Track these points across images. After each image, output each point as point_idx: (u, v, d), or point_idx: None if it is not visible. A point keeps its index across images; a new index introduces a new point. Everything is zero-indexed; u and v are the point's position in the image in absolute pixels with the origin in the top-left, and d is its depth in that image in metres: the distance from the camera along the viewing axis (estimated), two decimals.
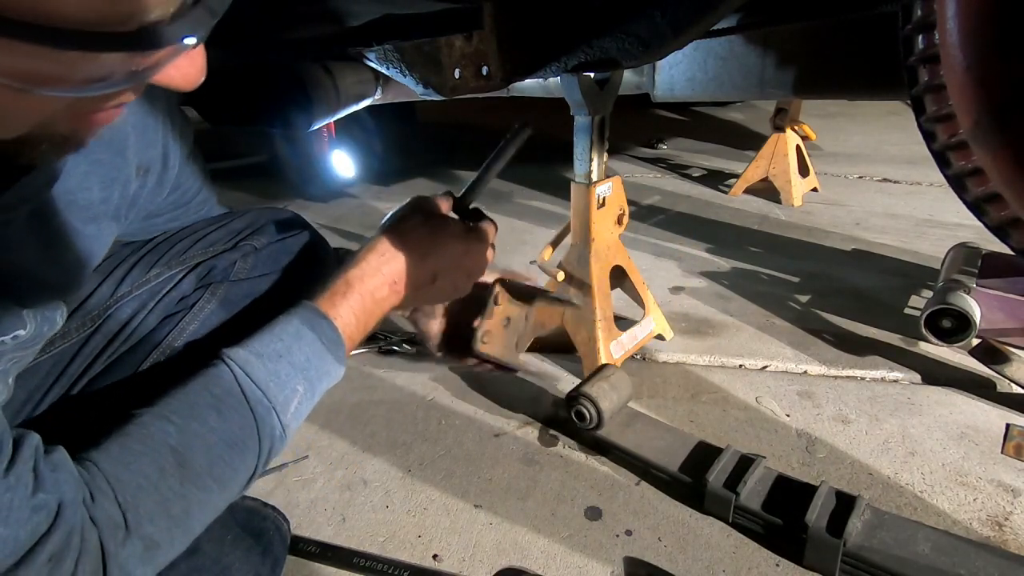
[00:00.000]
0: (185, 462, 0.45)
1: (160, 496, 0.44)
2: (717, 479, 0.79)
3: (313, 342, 0.53)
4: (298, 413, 0.52)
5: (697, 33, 0.76)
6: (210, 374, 0.49)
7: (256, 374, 0.49)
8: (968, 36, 0.53)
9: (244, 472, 0.49)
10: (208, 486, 0.46)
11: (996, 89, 0.53)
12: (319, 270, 0.73)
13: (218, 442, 0.47)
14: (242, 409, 0.48)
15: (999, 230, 0.73)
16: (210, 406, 0.47)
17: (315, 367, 0.53)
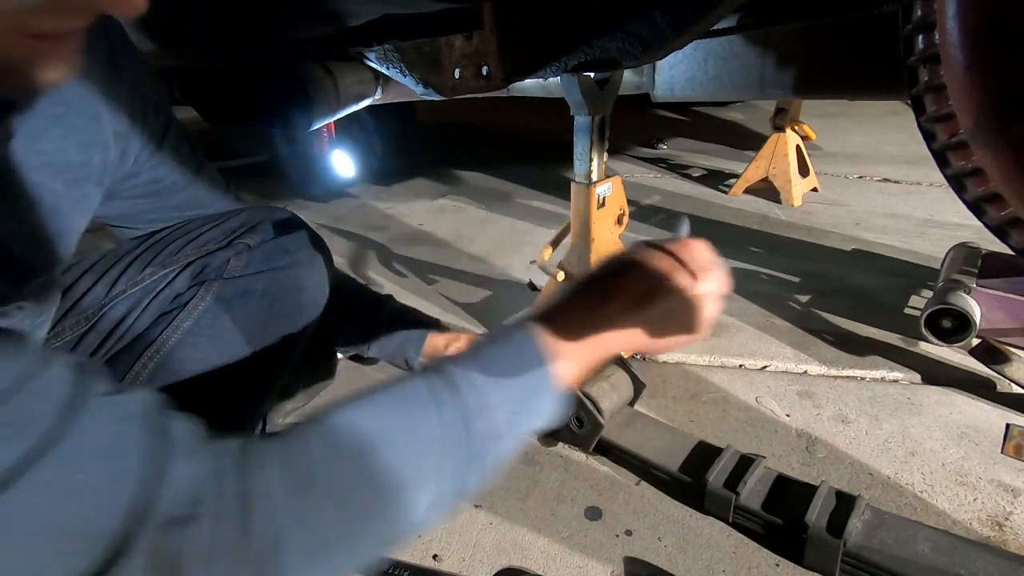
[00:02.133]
0: (372, 452, 0.38)
1: (352, 470, 0.37)
2: (717, 479, 0.79)
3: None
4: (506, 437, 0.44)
5: (697, 33, 0.76)
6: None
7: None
8: (968, 36, 0.53)
9: (433, 480, 0.40)
10: (399, 485, 0.39)
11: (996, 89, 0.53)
12: (313, 269, 0.73)
13: (418, 430, 0.40)
14: (439, 413, 0.41)
15: (999, 230, 0.73)
16: (413, 402, 0.41)
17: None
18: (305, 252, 0.73)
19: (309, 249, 0.74)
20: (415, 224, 2.08)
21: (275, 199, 2.43)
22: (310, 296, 0.73)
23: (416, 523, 0.40)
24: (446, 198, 2.39)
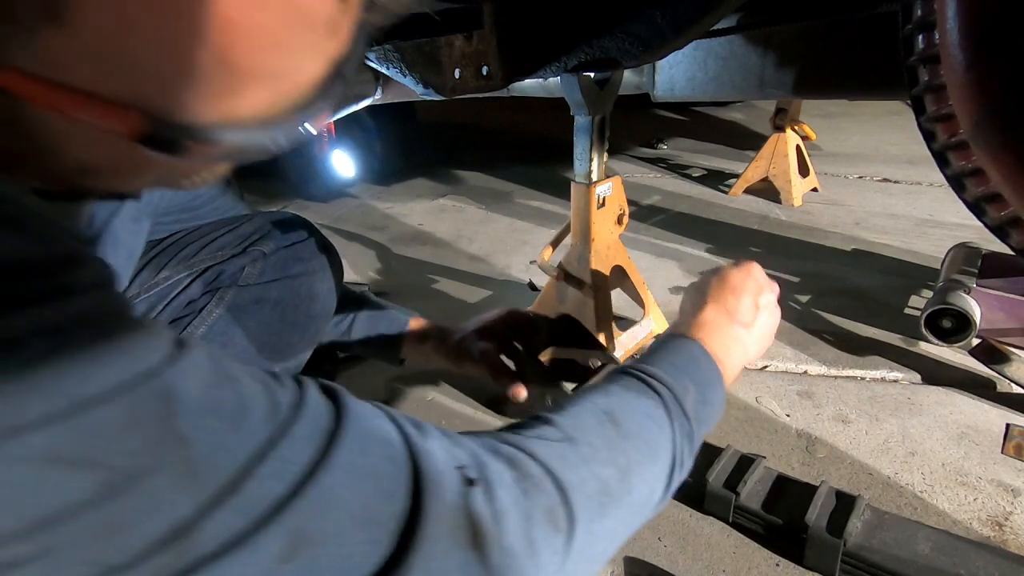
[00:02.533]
0: (617, 421, 0.42)
1: (603, 438, 0.41)
2: (717, 479, 0.79)
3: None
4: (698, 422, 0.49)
5: (697, 33, 0.76)
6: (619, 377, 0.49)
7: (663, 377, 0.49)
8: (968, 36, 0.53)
9: (667, 444, 0.45)
10: (643, 451, 0.43)
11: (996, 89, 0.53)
12: (325, 277, 0.74)
13: (639, 411, 0.45)
14: (651, 397, 0.47)
15: (999, 230, 0.73)
16: (624, 390, 0.46)
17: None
18: (317, 260, 0.73)
19: (321, 257, 0.74)
20: (415, 224, 2.08)
21: (275, 199, 2.43)
22: (321, 304, 0.73)
23: (661, 492, 0.44)
24: (446, 198, 2.39)
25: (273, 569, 0.25)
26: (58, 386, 0.21)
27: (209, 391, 0.25)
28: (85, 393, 0.22)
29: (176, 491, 0.23)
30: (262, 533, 0.25)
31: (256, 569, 0.25)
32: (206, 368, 0.26)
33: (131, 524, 0.23)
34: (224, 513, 0.24)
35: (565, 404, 0.44)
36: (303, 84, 0.27)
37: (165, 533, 0.23)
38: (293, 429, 0.27)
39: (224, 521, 0.24)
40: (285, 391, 0.29)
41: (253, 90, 0.25)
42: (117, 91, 0.23)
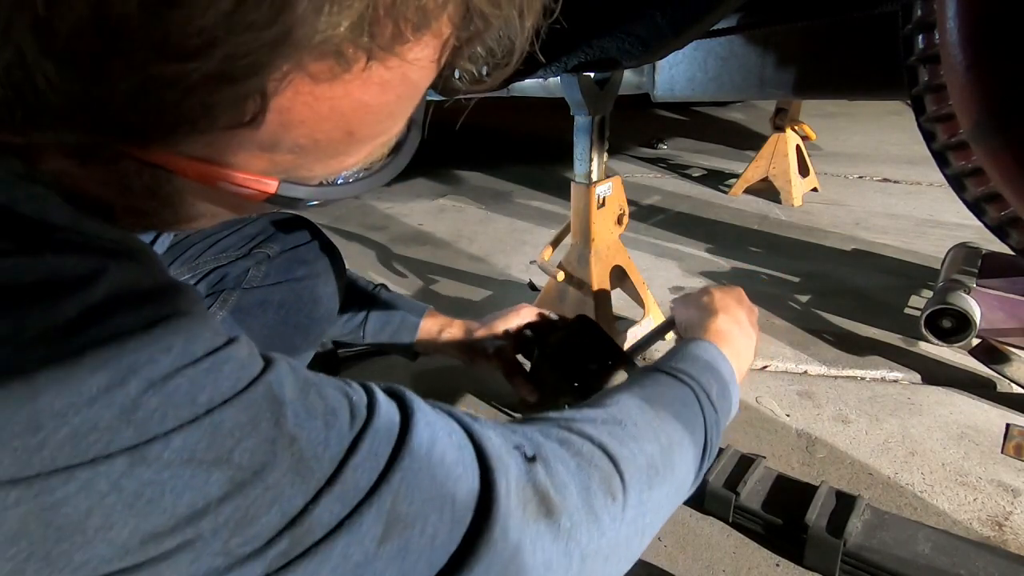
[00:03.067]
0: (656, 406, 0.47)
1: (645, 420, 0.45)
2: (717, 479, 0.79)
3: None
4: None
5: (697, 33, 0.76)
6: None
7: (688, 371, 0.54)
8: (968, 36, 0.53)
9: (700, 428, 0.49)
10: (681, 432, 0.47)
11: (996, 89, 0.53)
12: (329, 280, 0.74)
13: (674, 398, 0.50)
14: (682, 387, 0.51)
15: (999, 230, 0.73)
16: (656, 383, 0.51)
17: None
18: (321, 263, 0.74)
19: (324, 259, 0.74)
20: (415, 224, 2.08)
21: None
22: (325, 306, 0.73)
23: (695, 473, 0.48)
24: (446, 198, 2.39)
25: (372, 550, 0.28)
26: (190, 393, 0.24)
27: (301, 395, 0.28)
28: (211, 399, 0.25)
29: (290, 484, 0.26)
30: (360, 517, 0.28)
31: (359, 550, 0.28)
32: (292, 375, 0.29)
33: (256, 516, 0.25)
34: (328, 501, 0.27)
35: (604, 395, 0.48)
36: (394, 138, 0.31)
37: (283, 522, 0.26)
38: (372, 424, 0.30)
39: (329, 508, 0.27)
40: (357, 393, 0.32)
41: (363, 151, 0.29)
42: (266, 166, 0.26)
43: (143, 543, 0.23)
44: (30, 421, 0.21)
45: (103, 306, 0.23)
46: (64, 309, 0.23)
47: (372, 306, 0.87)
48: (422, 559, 0.30)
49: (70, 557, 0.22)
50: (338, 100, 0.24)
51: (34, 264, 0.23)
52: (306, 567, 0.26)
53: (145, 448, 0.23)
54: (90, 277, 0.24)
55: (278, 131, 0.25)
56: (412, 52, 0.25)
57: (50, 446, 0.21)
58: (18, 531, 0.21)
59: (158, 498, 0.23)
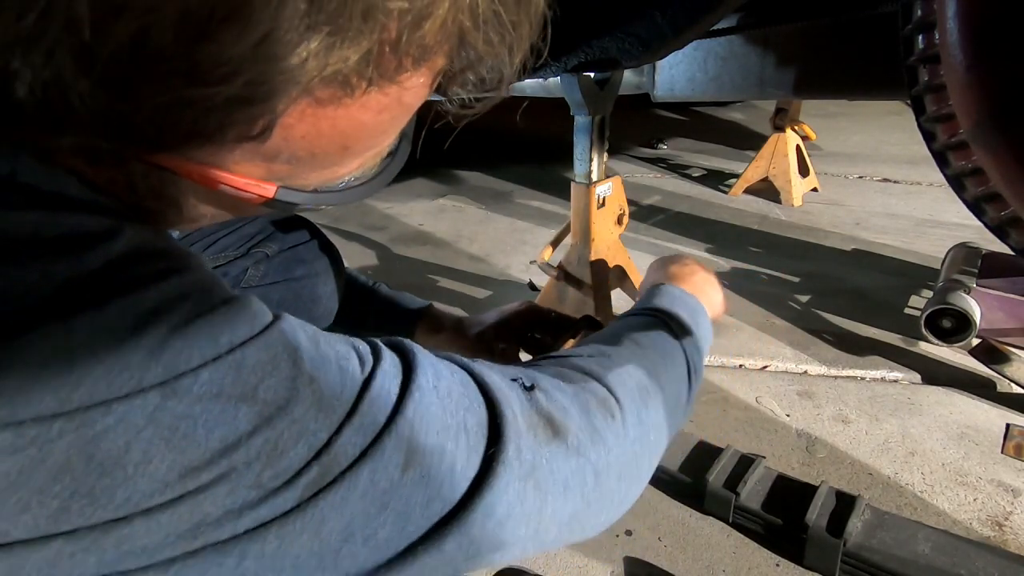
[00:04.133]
0: (634, 340, 0.49)
1: (627, 349, 0.47)
2: (717, 479, 0.79)
3: None
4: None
5: (697, 33, 0.76)
6: None
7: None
8: (968, 36, 0.53)
9: (679, 352, 0.52)
10: (661, 356, 0.49)
11: (996, 89, 0.53)
12: (328, 279, 0.74)
13: (648, 329, 0.52)
14: (651, 319, 0.54)
15: (999, 230, 0.73)
16: (627, 323, 0.54)
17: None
18: (320, 262, 0.74)
19: (324, 259, 0.74)
20: (415, 224, 2.08)
21: None
22: (324, 306, 0.73)
23: (686, 394, 0.51)
24: (446, 198, 2.39)
25: (397, 477, 0.30)
26: (211, 335, 0.26)
27: (312, 343, 0.30)
28: (231, 340, 0.26)
29: (313, 419, 0.27)
30: (381, 446, 0.29)
31: (384, 476, 0.29)
32: (301, 327, 0.31)
33: (284, 449, 0.26)
34: (350, 433, 0.28)
35: (583, 341, 0.51)
36: (386, 150, 0.33)
37: (310, 454, 0.27)
38: (380, 367, 0.32)
39: (351, 440, 0.28)
40: (361, 344, 0.34)
41: (356, 162, 0.31)
42: (264, 173, 0.29)
43: (181, 477, 0.24)
44: (66, 360, 0.22)
45: (123, 259, 0.25)
46: (88, 260, 0.24)
47: (372, 301, 0.86)
48: (445, 484, 0.31)
49: (113, 493, 0.23)
50: (338, 120, 0.27)
51: (58, 219, 0.24)
52: (335, 495, 0.28)
53: (175, 383, 0.24)
54: (110, 233, 0.25)
55: (280, 144, 0.27)
56: (409, 80, 0.27)
57: (87, 383, 0.22)
58: (63, 466, 0.22)
59: (192, 432, 0.24)
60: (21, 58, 0.21)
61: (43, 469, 0.22)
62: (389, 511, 0.29)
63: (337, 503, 0.28)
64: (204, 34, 0.21)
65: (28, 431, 0.22)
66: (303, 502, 0.27)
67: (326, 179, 0.31)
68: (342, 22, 0.22)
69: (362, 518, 0.29)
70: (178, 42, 0.21)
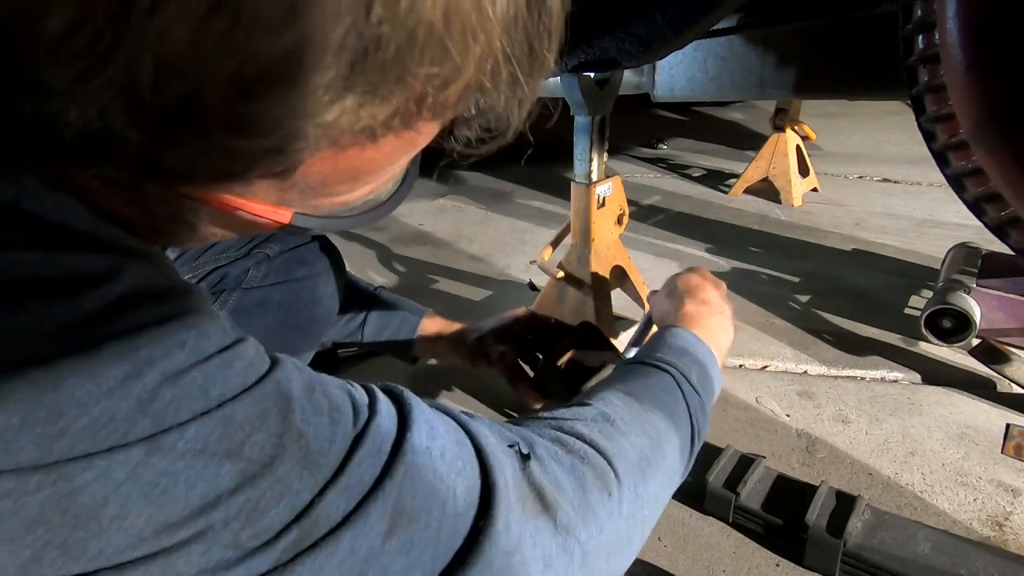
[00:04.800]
0: (640, 398, 0.49)
1: (632, 414, 0.46)
2: (717, 479, 0.79)
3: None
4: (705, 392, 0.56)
5: (697, 33, 0.76)
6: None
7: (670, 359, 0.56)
8: (968, 36, 0.53)
9: (684, 414, 0.51)
10: (666, 421, 0.48)
11: (996, 89, 0.53)
12: (328, 280, 0.74)
13: (656, 387, 0.51)
14: (662, 375, 0.53)
15: (999, 230, 0.73)
16: (637, 375, 0.53)
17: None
18: (321, 263, 0.74)
19: (324, 260, 0.74)
20: (415, 224, 2.08)
21: None
22: (324, 307, 0.73)
23: (688, 457, 0.50)
24: (446, 198, 2.39)
25: (379, 545, 0.29)
26: (202, 387, 0.25)
27: (307, 393, 0.29)
28: (223, 393, 0.26)
29: (298, 478, 0.27)
30: (366, 511, 0.29)
31: (365, 544, 0.28)
32: (298, 374, 0.30)
33: (265, 509, 0.26)
34: (334, 495, 0.28)
35: (589, 393, 0.49)
36: (397, 177, 0.35)
37: (291, 516, 0.27)
38: (375, 421, 0.31)
39: (335, 502, 0.28)
40: (358, 392, 0.33)
41: (365, 190, 0.32)
42: (277, 199, 0.29)
43: (157, 533, 0.24)
44: (52, 409, 0.22)
45: (121, 302, 0.25)
46: (85, 303, 0.24)
47: (371, 307, 0.87)
48: (427, 553, 0.30)
49: (86, 546, 0.23)
50: (352, 158, 0.28)
51: (57, 259, 0.24)
52: (314, 560, 0.27)
53: (161, 438, 0.24)
54: (109, 274, 0.25)
55: (297, 178, 0.28)
56: (425, 128, 0.29)
57: (70, 434, 0.22)
58: (37, 518, 0.22)
59: (172, 488, 0.24)
60: (76, 110, 0.22)
61: (17, 520, 0.22)
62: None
63: (315, 570, 0.27)
64: (251, 95, 0.22)
65: (6, 483, 0.21)
66: (279, 566, 0.26)
67: (336, 205, 0.32)
68: (377, 84, 0.24)
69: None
70: (226, 101, 0.22)
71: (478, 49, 0.25)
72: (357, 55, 0.22)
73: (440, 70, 0.24)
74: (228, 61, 0.21)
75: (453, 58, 0.24)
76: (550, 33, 0.28)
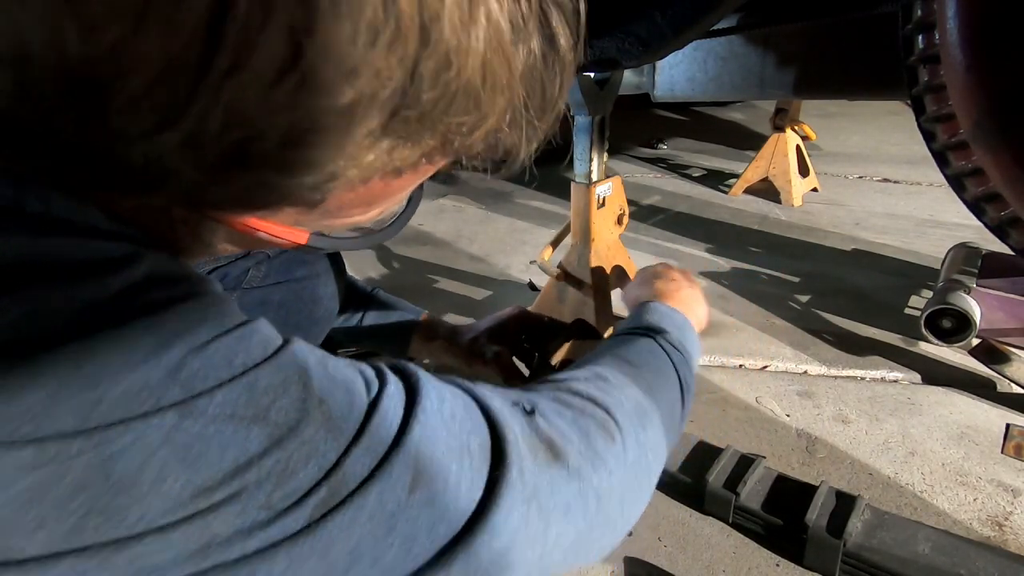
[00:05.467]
0: (628, 360, 0.51)
1: (622, 371, 0.49)
2: (717, 479, 0.79)
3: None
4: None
5: (697, 33, 0.76)
6: None
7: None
8: (968, 36, 0.53)
9: (670, 370, 0.53)
10: (655, 375, 0.51)
11: (996, 89, 0.53)
12: (329, 280, 0.74)
13: (640, 348, 0.53)
14: (642, 339, 0.55)
15: (999, 230, 0.73)
16: (620, 342, 0.55)
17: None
18: (321, 263, 0.74)
19: (324, 259, 0.74)
20: (415, 224, 2.08)
21: None
22: (324, 307, 0.73)
23: (680, 410, 0.52)
24: (446, 198, 2.39)
25: (404, 498, 0.30)
26: (226, 356, 0.27)
27: (322, 365, 0.31)
28: (245, 361, 0.27)
29: (323, 440, 0.28)
30: (389, 467, 0.30)
31: (391, 497, 0.30)
32: (310, 349, 0.32)
33: (295, 470, 0.27)
34: (358, 453, 0.29)
35: (578, 362, 0.51)
36: (403, 198, 0.37)
37: (319, 475, 0.28)
38: (385, 390, 0.33)
39: (360, 460, 0.29)
40: (365, 367, 0.35)
41: (375, 212, 0.34)
42: (293, 221, 0.31)
43: (193, 496, 0.25)
44: (89, 379, 0.23)
45: (144, 283, 0.26)
46: (111, 284, 0.25)
47: (369, 308, 0.87)
48: (450, 505, 0.32)
49: (127, 511, 0.23)
50: (374, 189, 0.30)
51: (81, 244, 0.26)
52: (344, 516, 0.28)
53: (191, 403, 0.25)
54: (131, 258, 0.26)
55: (317, 203, 0.29)
56: (442, 163, 0.31)
57: (107, 401, 0.23)
58: (80, 483, 0.23)
59: (205, 452, 0.25)
60: (142, 151, 0.23)
61: (62, 486, 0.22)
62: (396, 533, 0.30)
63: (345, 524, 0.28)
64: (302, 142, 0.24)
65: (49, 448, 0.22)
66: (312, 523, 0.27)
67: (348, 225, 0.34)
68: (413, 132, 0.26)
69: (370, 540, 0.29)
70: (280, 147, 0.24)
71: (503, 100, 0.27)
72: (399, 109, 0.24)
73: (468, 119, 0.27)
74: (288, 115, 0.23)
75: (481, 109, 0.27)
76: (562, 81, 0.31)
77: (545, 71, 0.29)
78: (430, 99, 0.25)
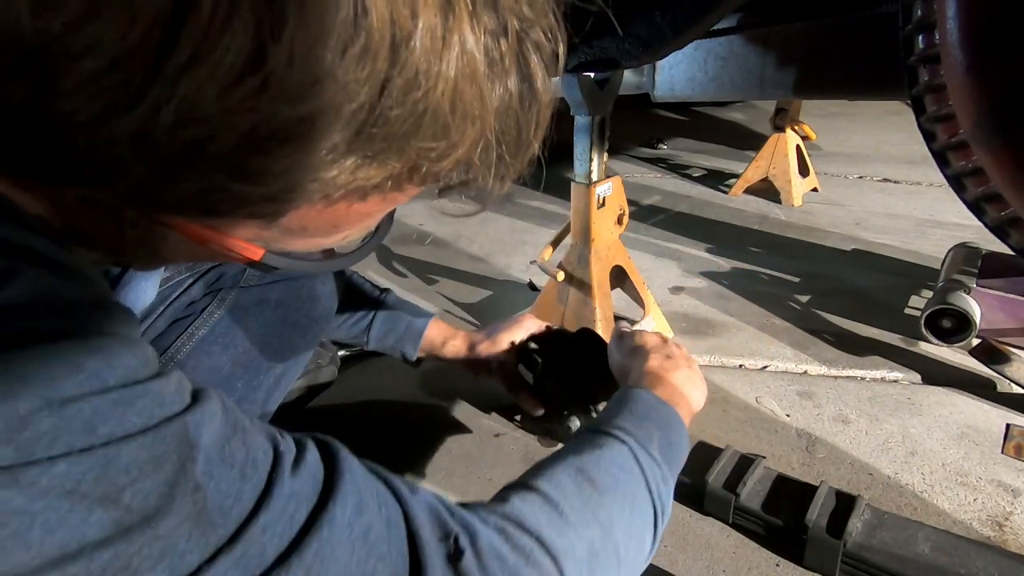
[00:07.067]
0: (592, 479, 0.45)
1: (583, 499, 0.43)
2: (717, 479, 0.79)
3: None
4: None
5: (697, 33, 0.76)
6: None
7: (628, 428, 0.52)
8: (968, 36, 0.53)
9: (643, 492, 0.47)
10: (621, 504, 0.45)
11: (996, 89, 0.53)
12: (327, 278, 0.74)
13: (612, 464, 0.47)
14: (620, 447, 0.49)
15: (999, 230, 0.73)
16: (593, 447, 0.49)
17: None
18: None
19: None
20: (415, 224, 2.08)
21: None
22: (323, 305, 0.73)
23: (650, 539, 0.47)
24: (446, 198, 2.39)
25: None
26: (86, 422, 0.22)
27: (223, 440, 0.27)
28: (112, 432, 0.23)
29: (185, 537, 0.24)
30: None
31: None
32: (220, 417, 0.27)
33: (138, 569, 0.23)
34: (227, 564, 0.25)
35: (542, 467, 0.46)
36: (372, 227, 0.35)
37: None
38: (295, 485, 0.28)
39: (227, 574, 0.25)
40: (286, 444, 0.30)
41: (341, 236, 0.33)
42: (253, 236, 0.30)
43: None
44: None
45: (10, 310, 0.22)
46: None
47: (377, 311, 0.87)
48: None
49: None
50: (339, 212, 0.29)
51: None
52: None
53: (21, 471, 0.20)
54: (1, 275, 0.22)
55: (280, 221, 0.28)
56: (411, 190, 0.30)
57: None
58: None
59: (24, 531, 0.20)
60: (88, 139, 0.22)
61: None
62: None
63: None
64: (260, 149, 0.23)
65: None
66: None
67: (309, 247, 0.33)
68: (378, 152, 0.25)
69: None
70: (235, 150, 0.23)
71: (474, 132, 0.27)
72: (365, 125, 0.24)
73: (437, 145, 0.26)
74: (247, 117, 0.22)
75: (451, 137, 0.26)
76: (538, 122, 0.30)
77: (521, 111, 0.29)
78: (397, 117, 0.24)
